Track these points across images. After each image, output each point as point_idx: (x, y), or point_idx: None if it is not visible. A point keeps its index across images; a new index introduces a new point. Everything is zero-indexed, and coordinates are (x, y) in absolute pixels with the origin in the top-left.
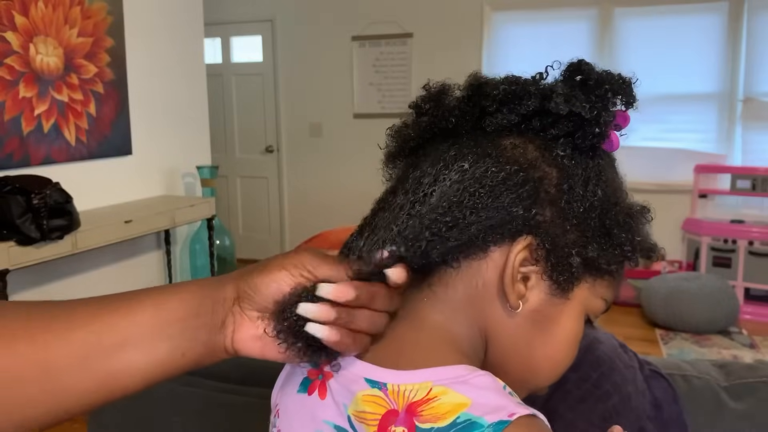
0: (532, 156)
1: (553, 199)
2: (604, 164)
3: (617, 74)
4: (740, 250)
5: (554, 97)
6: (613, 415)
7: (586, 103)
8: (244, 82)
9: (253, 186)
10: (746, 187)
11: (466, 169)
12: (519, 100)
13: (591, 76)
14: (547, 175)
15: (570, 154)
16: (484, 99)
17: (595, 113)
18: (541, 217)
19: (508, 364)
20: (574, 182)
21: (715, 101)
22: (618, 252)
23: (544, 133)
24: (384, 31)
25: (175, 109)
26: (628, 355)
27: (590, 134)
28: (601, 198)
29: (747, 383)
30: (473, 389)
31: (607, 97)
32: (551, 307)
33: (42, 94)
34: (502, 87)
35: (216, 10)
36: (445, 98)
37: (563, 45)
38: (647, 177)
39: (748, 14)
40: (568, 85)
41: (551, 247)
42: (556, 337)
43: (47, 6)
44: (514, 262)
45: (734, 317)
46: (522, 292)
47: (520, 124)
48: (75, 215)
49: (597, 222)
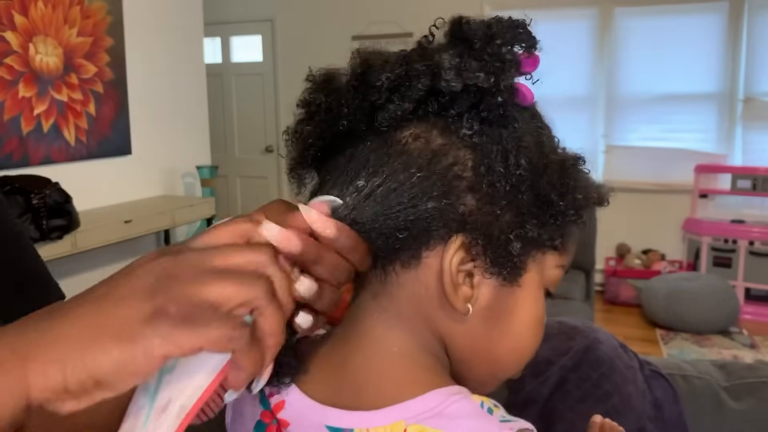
0: (438, 143)
1: (472, 185)
2: (523, 127)
3: (506, 20)
4: (741, 250)
5: (443, 73)
6: (614, 415)
7: (479, 72)
8: (244, 82)
9: (253, 186)
10: (747, 187)
11: (361, 186)
12: (407, 83)
13: (476, 35)
14: (458, 159)
15: (479, 130)
16: (371, 91)
17: (494, 79)
18: (464, 208)
19: (472, 363)
20: (491, 161)
21: (716, 101)
22: (560, 220)
23: (445, 114)
24: (384, 31)
25: (175, 109)
26: (629, 355)
27: (495, 104)
28: (527, 167)
29: (747, 383)
30: (450, 421)
31: (502, 53)
32: (503, 298)
33: (41, 94)
34: (385, 75)
35: (216, 9)
36: (333, 86)
37: (563, 45)
38: (647, 177)
39: (749, 14)
40: (456, 53)
41: (486, 240)
42: (516, 327)
43: (47, 6)
44: (450, 266)
45: (735, 317)
46: (468, 294)
47: (416, 110)
48: (74, 215)
49: (529, 195)
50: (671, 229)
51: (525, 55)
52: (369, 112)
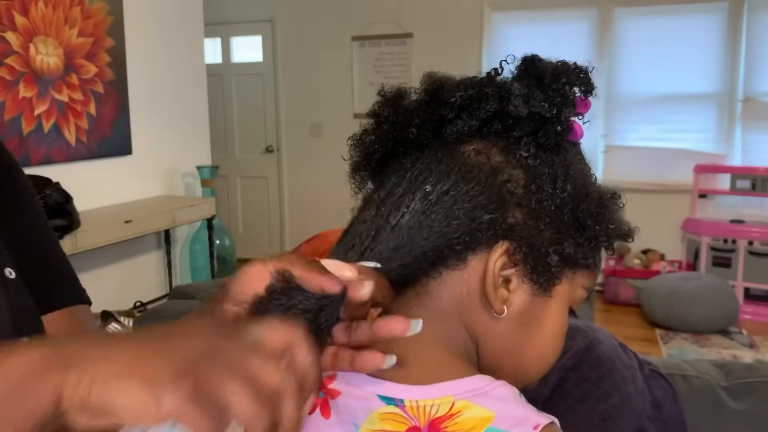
0: (496, 161)
1: (522, 201)
2: (571, 157)
3: (572, 64)
4: (740, 250)
5: (512, 99)
6: (613, 415)
7: (544, 102)
8: (244, 82)
9: (253, 186)
10: (746, 187)
11: (429, 191)
12: (477, 104)
13: (546, 71)
14: (513, 177)
15: (534, 153)
16: (443, 106)
17: (556, 111)
18: (512, 220)
19: (500, 364)
20: (541, 181)
21: (715, 101)
22: (594, 243)
23: (507, 135)
24: (384, 31)
25: (175, 109)
26: (628, 354)
27: (553, 132)
28: (571, 193)
29: (747, 383)
30: (495, 401)
31: (565, 91)
32: (535, 306)
33: (42, 94)
34: (459, 93)
35: (216, 10)
36: (402, 102)
37: (563, 45)
38: (647, 177)
39: (748, 14)
40: (525, 84)
41: (528, 249)
42: (542, 334)
43: (47, 6)
44: (494, 269)
45: (734, 317)
46: (505, 296)
47: (481, 129)
48: (75, 215)
49: (570, 217)
50: (671, 229)
51: (581, 98)
52: (437, 125)
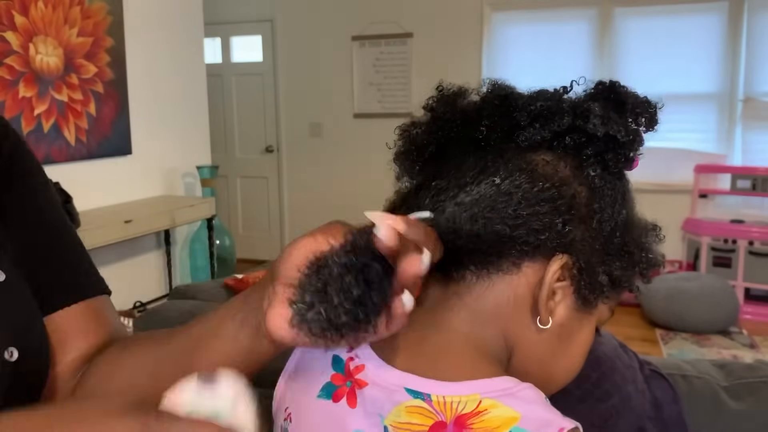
0: (564, 174)
1: (584, 218)
2: (627, 184)
3: (644, 98)
4: (740, 250)
5: (591, 118)
6: (613, 415)
7: (622, 127)
8: (244, 82)
9: (253, 186)
10: (746, 187)
11: (497, 183)
12: (553, 116)
13: (627, 99)
14: (578, 193)
15: (600, 174)
16: (518, 112)
17: (630, 138)
18: (573, 235)
19: (529, 372)
20: (604, 203)
21: (715, 101)
22: (635, 270)
23: (576, 152)
24: (384, 31)
25: (175, 109)
26: (628, 355)
27: (622, 157)
28: (624, 219)
29: (747, 383)
30: (521, 403)
31: (640, 122)
32: (573, 321)
33: (42, 94)
34: (539, 103)
35: (216, 10)
36: (461, 102)
37: (563, 45)
38: (647, 177)
39: (748, 14)
40: (603, 106)
41: (585, 265)
42: (574, 348)
43: (47, 6)
44: (551, 280)
45: (734, 317)
46: (552, 308)
47: (552, 141)
48: (75, 215)
49: (620, 241)
50: (671, 229)
51: (644, 131)
52: (508, 130)
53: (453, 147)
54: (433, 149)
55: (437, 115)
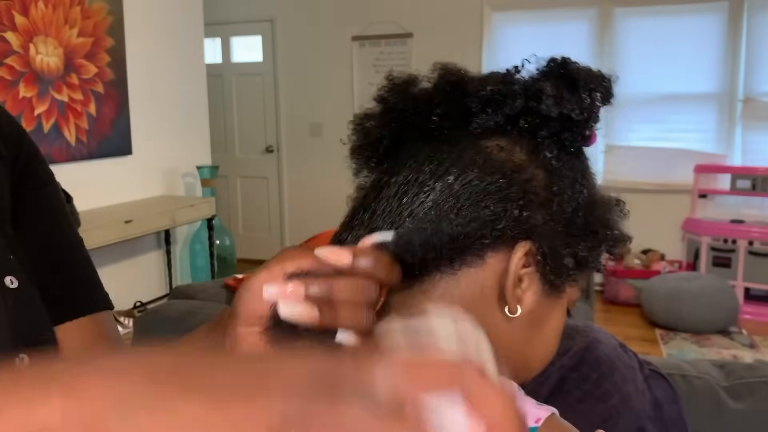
0: (520, 159)
1: (544, 202)
2: (585, 162)
3: (598, 72)
4: (740, 250)
5: (544, 99)
6: (613, 415)
7: (576, 106)
8: (244, 82)
9: (253, 186)
10: (746, 187)
11: (451, 182)
12: (505, 99)
13: (579, 75)
14: (535, 177)
15: (557, 155)
16: (469, 98)
17: (585, 115)
18: (533, 220)
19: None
20: (563, 184)
21: (715, 101)
22: (601, 248)
23: (531, 134)
24: (384, 31)
25: (175, 109)
26: (628, 355)
27: (579, 136)
28: (586, 197)
29: (747, 383)
30: None
31: (595, 97)
32: (543, 306)
33: (42, 94)
34: (489, 87)
35: (216, 10)
36: (413, 90)
37: (563, 45)
38: (647, 177)
39: (748, 14)
40: (554, 85)
41: (548, 250)
42: (546, 333)
43: (47, 6)
44: (515, 268)
45: (734, 317)
46: (519, 296)
47: (506, 125)
48: (75, 215)
49: (582, 221)
50: (671, 229)
51: (600, 105)
52: (461, 117)
53: (408, 137)
54: (388, 142)
55: (389, 105)
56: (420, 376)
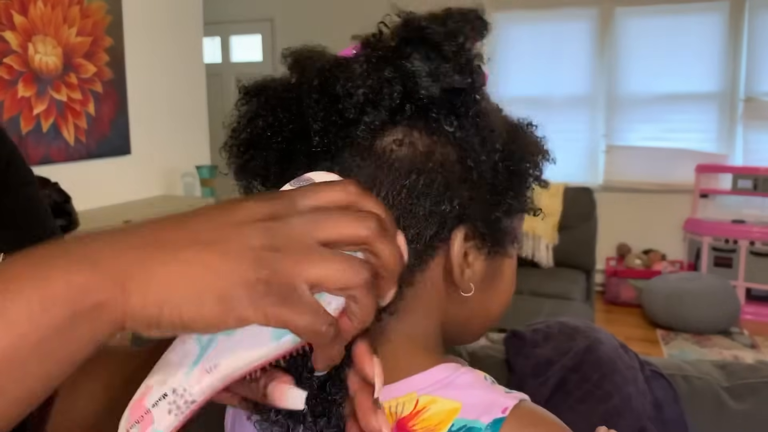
0: (423, 145)
1: (463, 177)
2: (486, 107)
3: (458, 14)
4: (741, 250)
5: (419, 82)
6: (614, 416)
7: (455, 73)
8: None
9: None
10: (747, 187)
11: None
12: (380, 93)
13: (438, 35)
14: (446, 156)
15: (459, 125)
16: (345, 106)
17: (470, 80)
18: (460, 200)
19: (469, 325)
20: (475, 151)
21: (716, 101)
22: (529, 183)
23: (422, 115)
24: None
25: (175, 109)
26: (629, 355)
27: (471, 101)
28: (500, 148)
29: (748, 384)
30: (459, 391)
31: (469, 49)
32: (493, 264)
33: (41, 94)
34: (361, 91)
35: (215, 9)
36: (277, 100)
37: (564, 45)
38: (648, 177)
39: (749, 13)
40: (424, 57)
41: (483, 224)
42: (504, 284)
43: (46, 5)
44: (458, 257)
45: (735, 317)
46: (469, 275)
47: (393, 116)
48: (74, 215)
49: (504, 170)
50: (672, 229)
51: (479, 41)
52: (341, 126)
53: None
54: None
55: (258, 124)
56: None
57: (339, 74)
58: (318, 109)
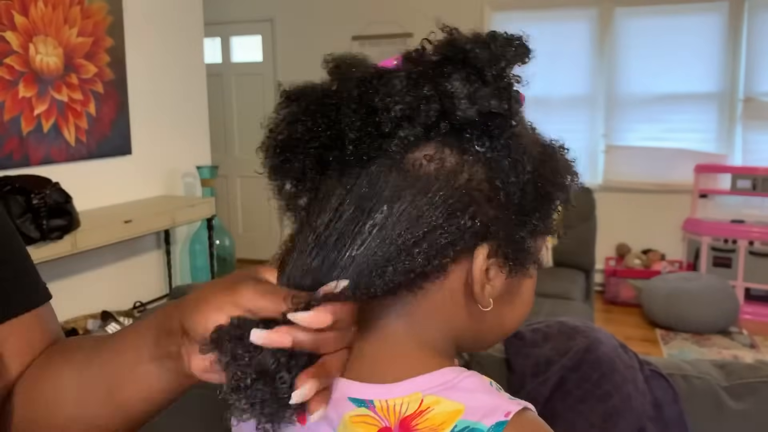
0: (452, 163)
1: (490, 197)
2: (520, 130)
3: (502, 38)
4: (740, 250)
5: (457, 103)
6: (614, 415)
7: (493, 99)
8: (244, 82)
9: (253, 186)
10: (746, 187)
11: (387, 213)
12: (418, 110)
13: (482, 60)
14: (474, 175)
15: (490, 146)
16: (380, 115)
17: (507, 106)
18: (485, 219)
19: (483, 336)
20: (504, 173)
21: (716, 101)
22: (556, 206)
23: (456, 134)
24: (384, 31)
25: (175, 109)
26: (629, 355)
27: (507, 126)
28: (531, 170)
29: (747, 383)
30: (464, 393)
31: (510, 76)
32: (513, 282)
33: (42, 94)
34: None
35: (216, 9)
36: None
37: (564, 45)
38: (648, 177)
39: (749, 13)
40: (463, 78)
41: (507, 243)
42: (522, 301)
43: (47, 6)
44: (480, 273)
45: (734, 317)
46: (489, 291)
47: (427, 132)
48: (75, 215)
49: (533, 192)
50: (671, 229)
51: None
52: (376, 137)
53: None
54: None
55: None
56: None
57: (379, 87)
58: (355, 119)
